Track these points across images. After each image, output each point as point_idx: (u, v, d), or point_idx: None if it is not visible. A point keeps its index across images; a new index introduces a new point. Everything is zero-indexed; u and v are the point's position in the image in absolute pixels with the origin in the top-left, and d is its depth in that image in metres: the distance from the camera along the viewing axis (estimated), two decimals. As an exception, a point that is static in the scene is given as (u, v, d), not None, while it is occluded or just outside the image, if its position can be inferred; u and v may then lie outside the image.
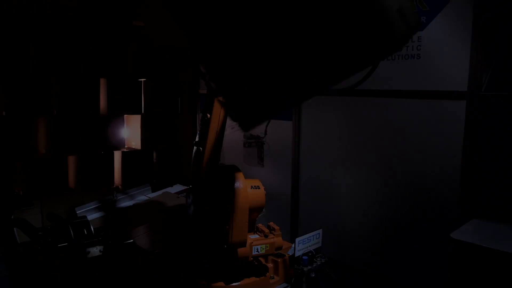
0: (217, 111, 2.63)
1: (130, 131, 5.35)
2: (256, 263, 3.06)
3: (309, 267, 3.10)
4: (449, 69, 3.15)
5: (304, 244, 3.16)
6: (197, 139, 2.78)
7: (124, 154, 5.17)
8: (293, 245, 3.17)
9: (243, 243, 2.85)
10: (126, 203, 4.72)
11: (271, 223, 3.31)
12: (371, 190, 3.67)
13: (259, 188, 2.95)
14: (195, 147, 2.78)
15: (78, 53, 4.72)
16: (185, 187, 5.06)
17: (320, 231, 3.29)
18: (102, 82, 4.92)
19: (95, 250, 2.39)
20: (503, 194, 2.89)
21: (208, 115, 2.62)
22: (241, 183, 2.83)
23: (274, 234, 3.17)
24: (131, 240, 2.39)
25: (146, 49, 5.29)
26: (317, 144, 4.07)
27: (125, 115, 5.23)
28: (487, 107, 2.98)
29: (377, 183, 3.62)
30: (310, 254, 3.16)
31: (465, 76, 3.06)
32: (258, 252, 2.99)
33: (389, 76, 3.48)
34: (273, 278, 3.11)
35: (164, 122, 5.52)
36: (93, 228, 2.54)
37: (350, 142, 3.79)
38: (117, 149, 5.17)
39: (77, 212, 4.19)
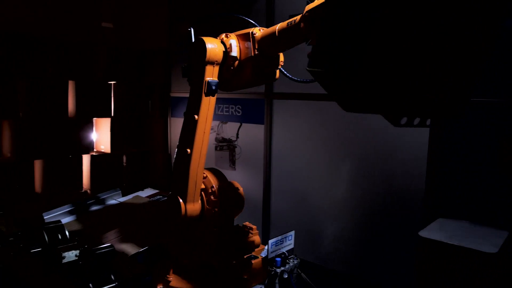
0: (205, 112, 2.64)
1: (100, 135, 5.27)
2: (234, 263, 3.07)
3: (282, 268, 3.15)
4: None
5: (277, 245, 3.20)
6: (180, 141, 2.75)
7: (93, 158, 5.09)
8: (266, 247, 3.21)
9: (229, 245, 2.87)
10: (96, 208, 4.63)
11: (247, 223, 3.34)
12: (341, 192, 3.76)
13: (239, 189, 2.99)
14: (177, 149, 2.76)
15: (46, 55, 4.62)
16: (156, 191, 5.02)
17: (292, 232, 3.35)
18: (71, 84, 4.83)
19: (71, 255, 2.34)
20: (464, 194, 3.05)
21: (196, 116, 2.63)
22: (225, 185, 2.85)
23: (252, 233, 3.20)
24: (109, 244, 2.36)
25: (116, 51, 5.23)
26: (288, 147, 4.14)
27: (94, 118, 5.15)
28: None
29: (347, 185, 3.72)
30: (283, 255, 3.21)
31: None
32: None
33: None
34: (247, 279, 3.13)
35: (135, 125, 5.47)
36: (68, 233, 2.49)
37: (320, 145, 3.88)
38: (86, 152, 5.08)
39: (44, 218, 4.08)
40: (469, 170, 3.04)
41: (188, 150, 2.66)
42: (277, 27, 2.43)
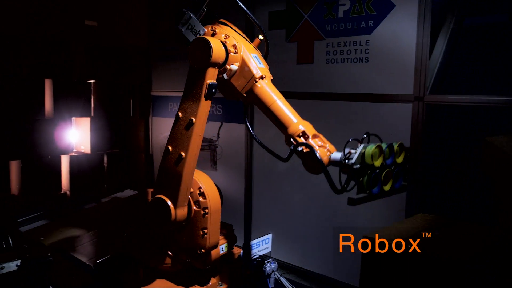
0: (203, 115, 2.51)
1: (80, 135, 5.14)
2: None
3: (258, 272, 3.06)
4: (396, 72, 3.20)
5: (253, 249, 3.11)
6: (171, 143, 2.60)
7: (72, 159, 4.96)
8: (242, 251, 3.12)
9: (216, 245, 2.75)
10: (73, 210, 4.52)
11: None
12: (324, 193, 3.67)
13: (218, 188, 2.88)
14: (167, 151, 2.60)
15: (21, 53, 4.49)
16: (136, 192, 4.91)
17: (269, 235, 3.26)
18: (47, 83, 4.69)
19: (11, 265, 2.20)
20: (444, 189, 2.97)
21: (193, 119, 2.49)
22: (210, 185, 2.74)
23: (230, 232, 3.11)
24: (49, 254, 2.23)
25: (95, 49, 5.11)
26: (270, 146, 4.03)
27: (73, 118, 5.02)
28: (431, 109, 3.04)
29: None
30: (259, 259, 3.12)
31: (411, 79, 3.11)
32: (223, 251, 2.91)
33: (339, 80, 3.50)
34: (221, 285, 3.03)
35: (116, 125, 5.34)
36: (21, 239, 2.36)
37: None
38: (65, 153, 4.95)
39: (17, 221, 3.97)
40: (449, 167, 2.96)
41: (183, 153, 2.52)
42: (273, 106, 2.41)
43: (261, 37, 2.60)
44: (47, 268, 2.14)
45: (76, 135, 5.12)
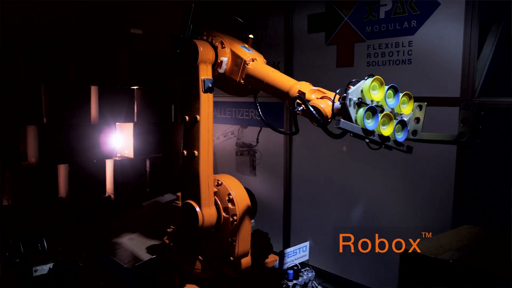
0: (206, 110, 2.54)
1: (123, 140, 5.27)
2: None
3: (295, 281, 2.98)
4: (441, 74, 3.03)
5: (289, 257, 3.03)
6: (185, 145, 2.64)
7: (116, 163, 5.09)
8: (278, 259, 3.05)
9: (247, 254, 2.71)
10: (116, 213, 4.63)
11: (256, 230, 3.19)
12: (364, 200, 3.54)
13: (253, 196, 2.84)
14: (182, 154, 2.65)
15: (68, 60, 4.66)
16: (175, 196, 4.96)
17: (307, 243, 3.17)
18: (93, 90, 4.85)
19: (44, 268, 2.24)
20: (491, 199, 2.77)
21: (198, 116, 2.52)
22: (241, 191, 2.70)
23: (265, 241, 3.06)
24: (77, 259, 2.27)
25: (140, 55, 5.22)
26: (309, 152, 3.96)
27: (117, 123, 5.16)
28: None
29: (371, 192, 3.49)
30: (295, 267, 3.04)
31: (458, 82, 2.94)
32: (258, 259, 2.87)
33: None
34: (258, 291, 2.98)
35: (158, 130, 5.44)
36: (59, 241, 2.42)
37: (342, 150, 3.67)
38: (109, 157, 5.09)
39: (64, 223, 4.11)
40: (497, 177, 2.75)
41: (195, 152, 2.55)
42: (268, 78, 2.43)
43: (251, 36, 2.79)
44: (74, 272, 2.18)
45: (120, 140, 5.25)
